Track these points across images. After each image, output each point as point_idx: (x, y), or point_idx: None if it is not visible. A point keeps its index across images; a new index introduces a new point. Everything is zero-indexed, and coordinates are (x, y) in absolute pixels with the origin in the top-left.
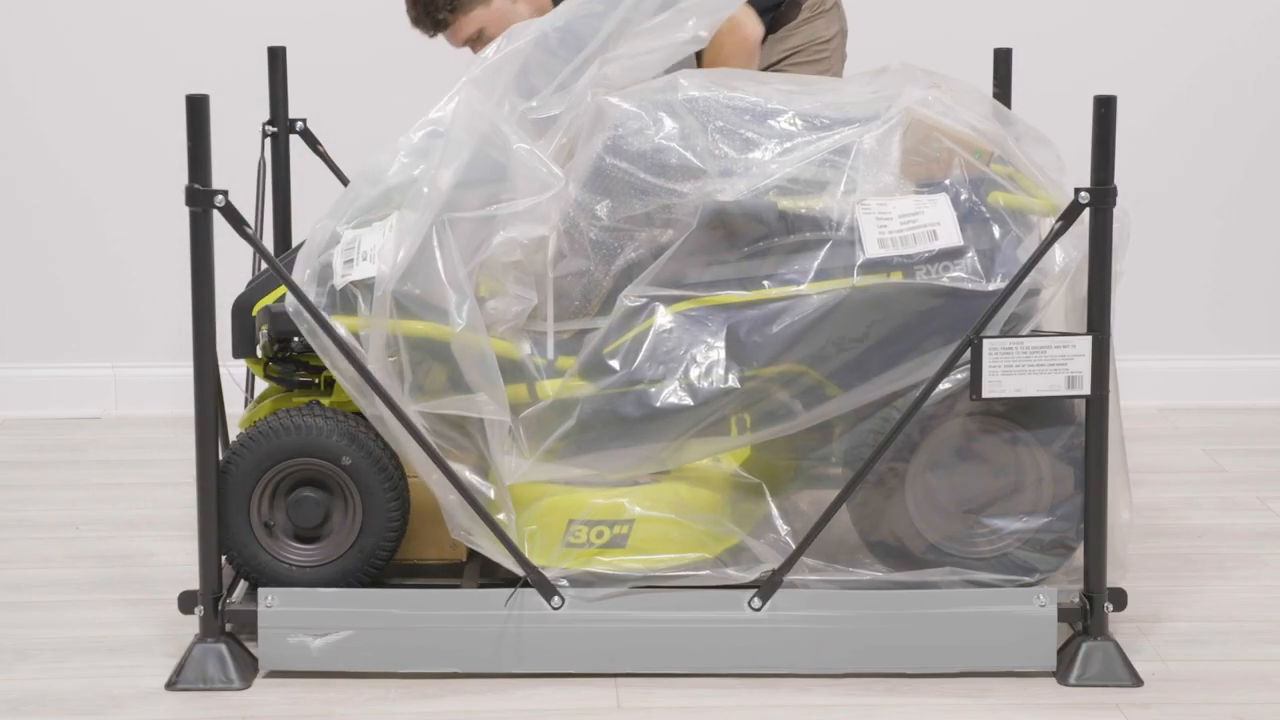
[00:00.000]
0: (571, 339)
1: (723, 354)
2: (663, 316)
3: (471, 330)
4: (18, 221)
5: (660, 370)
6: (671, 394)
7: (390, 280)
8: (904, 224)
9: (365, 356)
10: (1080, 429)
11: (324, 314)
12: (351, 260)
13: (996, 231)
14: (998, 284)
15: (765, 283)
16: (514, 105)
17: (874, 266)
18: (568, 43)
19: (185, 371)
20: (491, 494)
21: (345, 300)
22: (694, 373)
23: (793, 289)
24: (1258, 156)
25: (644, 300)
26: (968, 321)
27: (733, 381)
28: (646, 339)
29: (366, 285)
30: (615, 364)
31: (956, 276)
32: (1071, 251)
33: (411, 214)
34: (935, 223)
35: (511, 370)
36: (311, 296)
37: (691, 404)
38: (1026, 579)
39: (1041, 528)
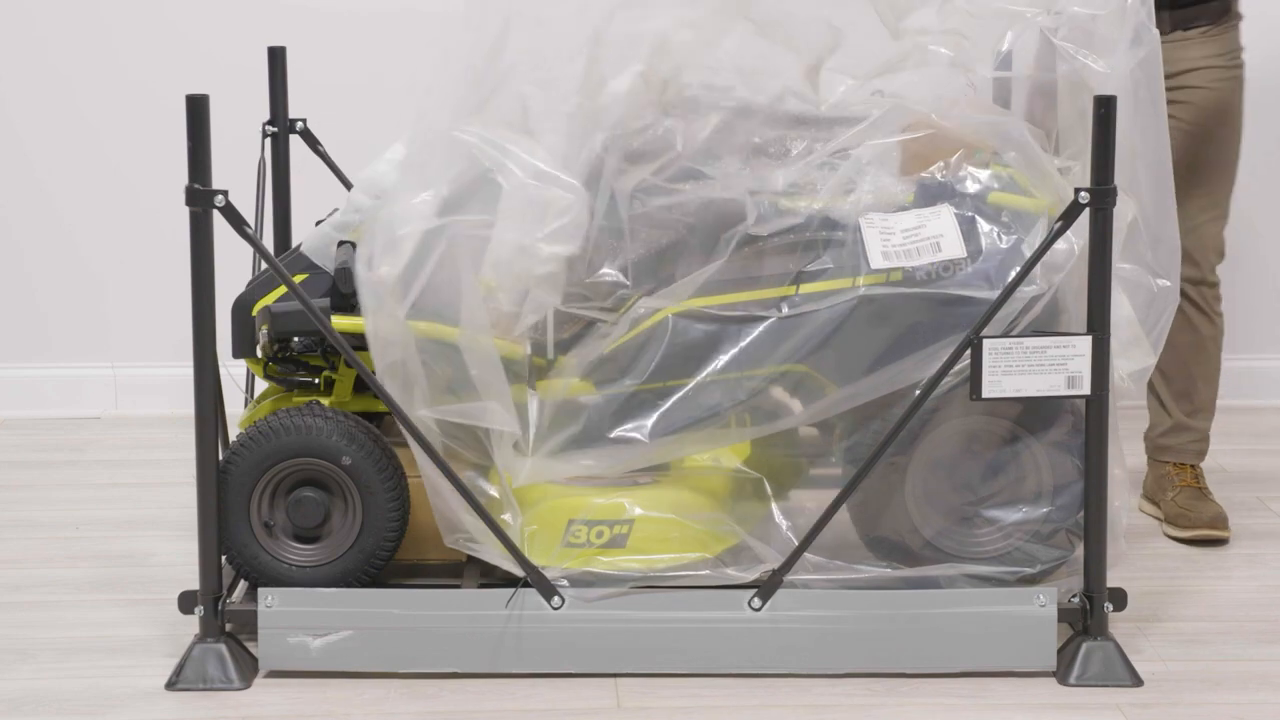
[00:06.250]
0: (571, 339)
1: (728, 368)
2: (667, 325)
3: (480, 337)
4: (17, 221)
5: (666, 389)
6: (677, 405)
7: (411, 289)
8: (906, 238)
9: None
10: (1076, 418)
11: (323, 315)
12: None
13: (998, 236)
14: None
15: (766, 290)
16: (523, 98)
17: (877, 273)
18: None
19: (185, 371)
20: (494, 492)
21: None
22: (700, 386)
23: (792, 289)
24: (1259, 156)
25: (650, 310)
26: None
27: (740, 393)
28: (659, 349)
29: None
30: (622, 374)
31: (960, 282)
32: (1072, 251)
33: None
34: (938, 235)
35: (512, 371)
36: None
37: (698, 416)
38: (1027, 569)
39: (1040, 520)
